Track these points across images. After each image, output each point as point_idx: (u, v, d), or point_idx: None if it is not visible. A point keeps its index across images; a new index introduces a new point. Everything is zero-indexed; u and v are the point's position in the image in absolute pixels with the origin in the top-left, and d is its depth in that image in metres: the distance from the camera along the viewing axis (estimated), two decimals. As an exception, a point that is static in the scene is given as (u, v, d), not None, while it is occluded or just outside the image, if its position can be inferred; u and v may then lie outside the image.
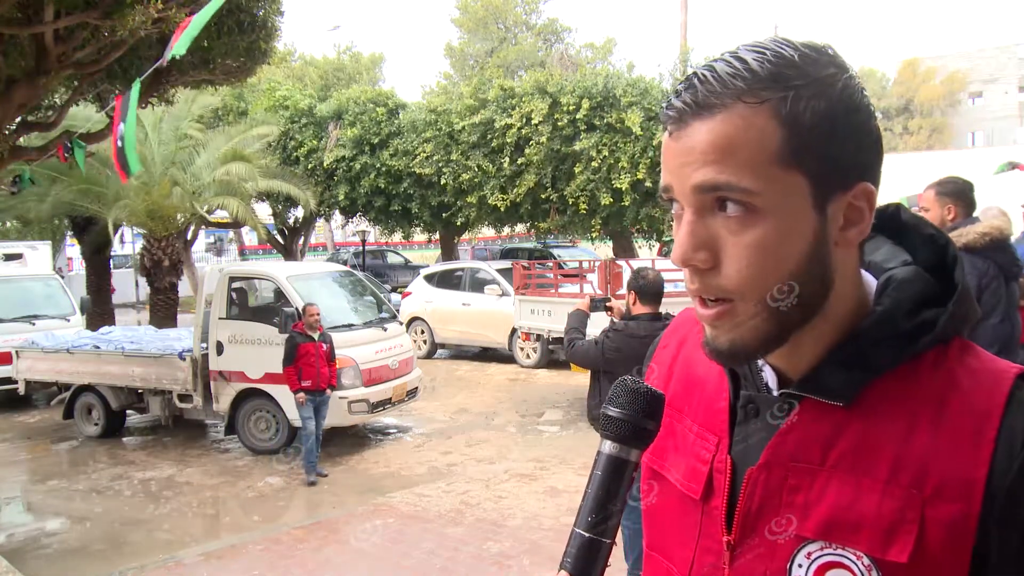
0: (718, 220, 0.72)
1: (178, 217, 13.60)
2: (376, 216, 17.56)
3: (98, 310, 14.16)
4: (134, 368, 8.15)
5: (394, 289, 18.98)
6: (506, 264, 12.75)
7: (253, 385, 7.57)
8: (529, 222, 15.91)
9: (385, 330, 8.18)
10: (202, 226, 18.94)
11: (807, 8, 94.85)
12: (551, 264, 13.11)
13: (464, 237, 22.18)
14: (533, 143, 13.76)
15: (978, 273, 3.28)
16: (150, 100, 7.65)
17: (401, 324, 8.89)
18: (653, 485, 0.90)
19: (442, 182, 15.18)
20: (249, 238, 31.89)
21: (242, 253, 32.46)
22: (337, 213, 19.17)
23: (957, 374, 0.74)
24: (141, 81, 5.39)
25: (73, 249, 22.66)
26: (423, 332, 13.27)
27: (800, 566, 0.74)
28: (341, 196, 16.69)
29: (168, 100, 8.29)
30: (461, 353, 13.57)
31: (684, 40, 17.29)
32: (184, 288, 16.43)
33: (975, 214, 3.55)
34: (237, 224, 18.19)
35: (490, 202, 14.58)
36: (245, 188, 13.67)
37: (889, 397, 0.74)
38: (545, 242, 20.02)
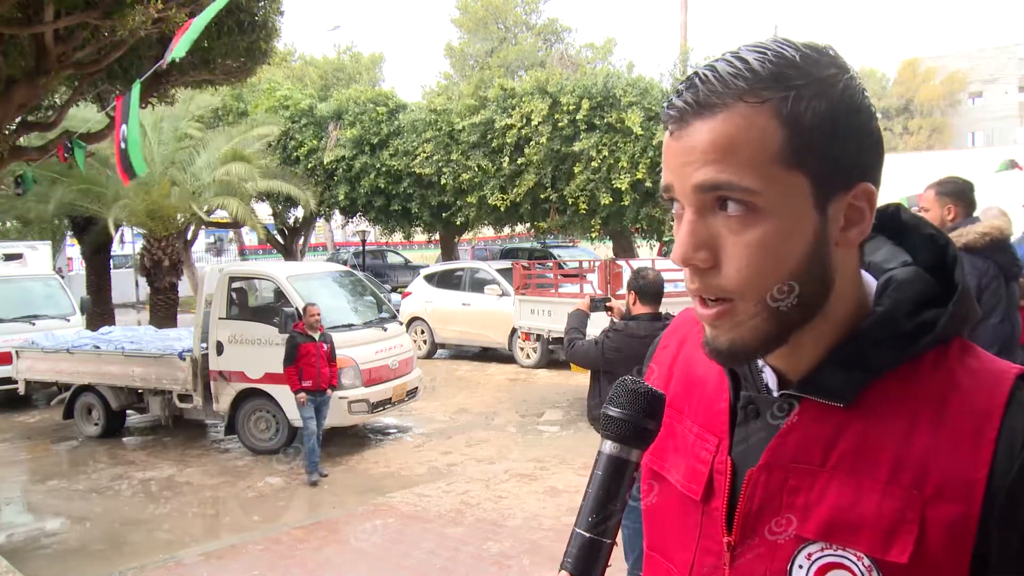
0: (719, 220, 0.72)
1: (178, 217, 13.59)
2: (376, 216, 17.56)
3: (98, 310, 14.15)
4: (134, 368, 8.15)
5: (394, 289, 18.98)
6: (506, 264, 12.74)
7: (253, 385, 7.58)
8: (529, 222, 15.91)
9: (385, 330, 8.18)
10: (202, 226, 18.94)
11: (807, 8, 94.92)
12: (551, 264, 13.10)
13: (464, 237, 22.18)
14: (533, 143, 13.76)
15: (978, 273, 3.28)
16: (150, 100, 7.65)
17: (401, 324, 8.89)
18: (653, 485, 0.90)
19: (442, 182, 15.18)
20: (249, 238, 31.90)
21: (242, 253, 32.46)
22: (337, 213, 19.17)
23: (957, 374, 0.74)
24: (141, 82, 5.39)
25: (73, 249, 22.65)
26: (423, 332, 13.27)
27: (800, 567, 0.74)
28: (341, 196, 16.69)
29: (168, 100, 8.28)
30: (461, 353, 13.56)
31: (684, 40, 17.28)
32: (184, 288, 16.44)
33: (975, 214, 3.55)
34: (237, 224, 18.18)
35: (490, 202, 14.58)
36: (245, 188, 13.67)
37: (889, 397, 0.74)
38: (545, 242, 20.01)
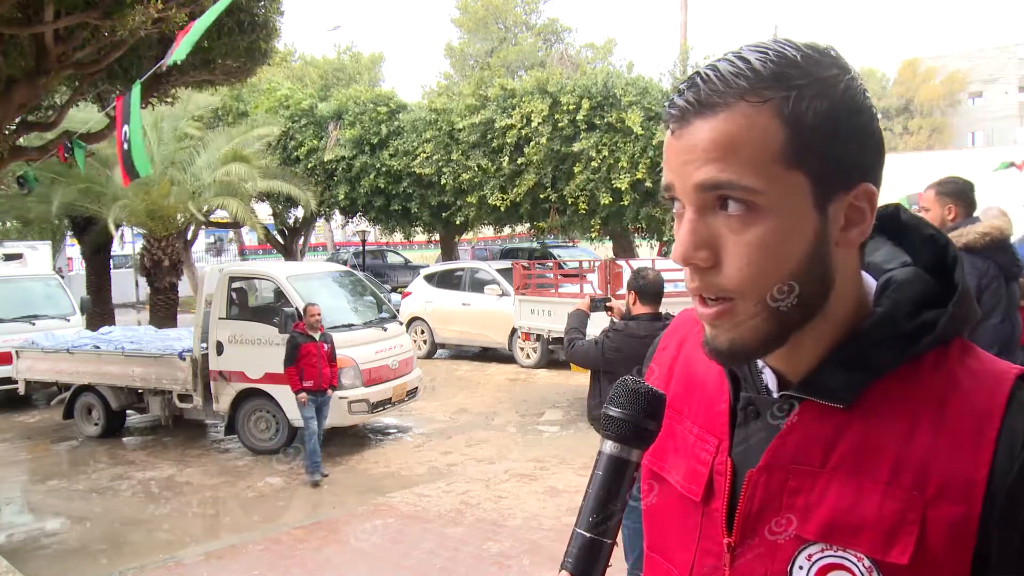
0: (719, 219, 0.72)
1: (178, 217, 13.59)
2: (376, 216, 17.56)
3: (98, 310, 14.15)
4: (134, 368, 8.15)
5: (394, 289, 18.98)
6: (506, 264, 12.74)
7: (253, 385, 7.57)
8: (529, 222, 15.91)
9: (385, 330, 8.18)
10: (202, 226, 18.94)
11: (807, 8, 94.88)
12: (551, 264, 13.10)
13: (464, 237, 22.17)
14: (533, 143, 13.76)
15: (978, 273, 3.28)
16: (150, 100, 7.65)
17: (401, 324, 8.89)
18: (653, 486, 0.90)
19: (442, 182, 15.17)
20: (249, 238, 31.90)
21: (242, 253, 32.47)
22: (337, 213, 19.17)
23: (957, 375, 0.73)
24: (141, 82, 5.39)
25: (73, 249, 22.65)
26: (423, 332, 13.27)
27: (801, 568, 0.74)
28: (341, 196, 16.69)
29: (169, 101, 8.28)
30: (461, 353, 13.56)
31: (684, 40, 17.28)
32: (184, 288, 16.44)
33: (975, 214, 3.55)
34: (237, 224, 18.18)
35: (490, 202, 14.58)
36: (245, 188, 13.66)
37: (889, 398, 0.74)
38: (544, 242, 20.01)
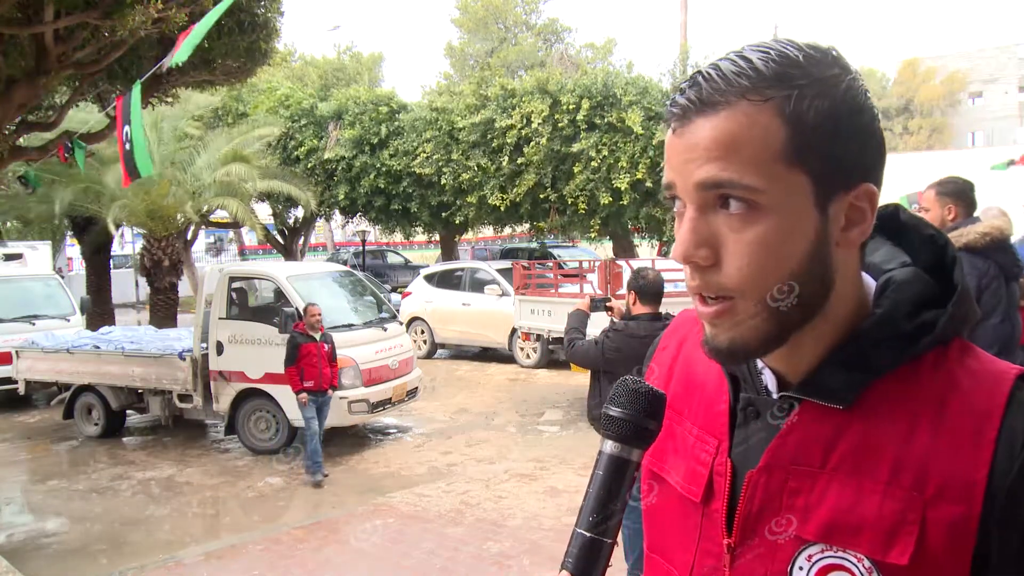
0: (720, 217, 0.72)
1: (178, 217, 13.59)
2: (376, 216, 17.55)
3: (98, 310, 14.16)
4: (134, 368, 8.15)
5: (394, 289, 18.97)
6: (506, 264, 12.74)
7: (253, 385, 7.57)
8: (529, 222, 15.91)
9: (385, 330, 8.18)
10: (202, 226, 18.95)
11: (807, 8, 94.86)
12: (551, 264, 13.10)
13: (464, 237, 22.17)
14: (533, 143, 13.76)
15: (978, 273, 3.28)
16: (151, 100, 7.65)
17: (401, 324, 8.89)
18: (653, 486, 0.90)
19: (442, 182, 15.18)
20: (249, 238, 31.89)
21: (242, 253, 32.47)
22: (337, 213, 19.17)
23: (957, 375, 0.73)
24: (141, 83, 5.39)
25: (73, 249, 22.64)
26: (423, 332, 13.27)
27: (801, 568, 0.74)
28: (341, 196, 16.69)
29: (169, 101, 8.28)
30: (461, 353, 13.56)
31: (684, 40, 17.28)
32: (184, 288, 16.43)
33: (976, 214, 3.55)
34: (237, 224, 18.17)
35: (490, 202, 14.58)
36: (245, 188, 13.67)
37: (889, 398, 0.74)
38: (543, 242, 20.02)
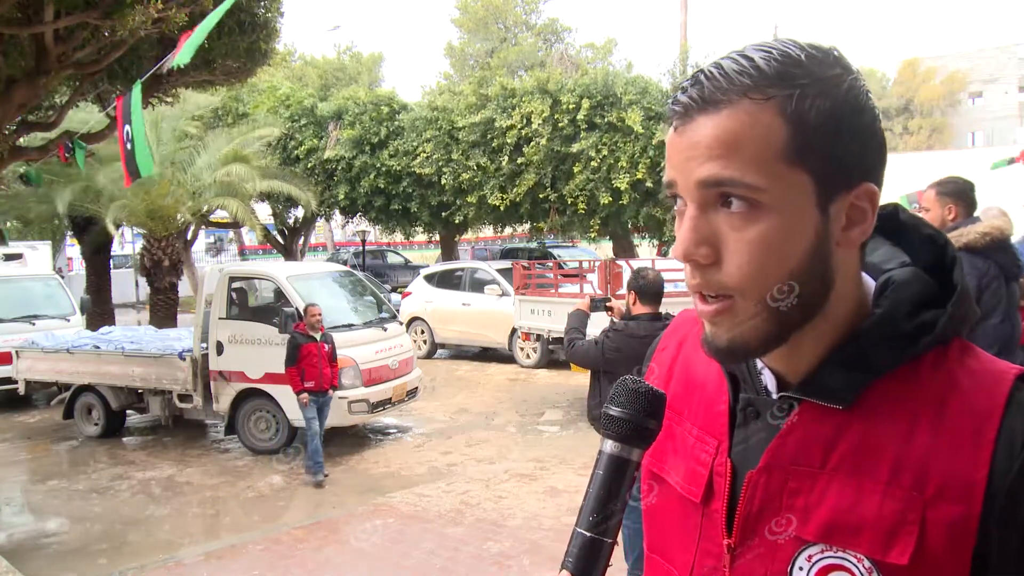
0: (721, 216, 0.72)
1: (178, 217, 13.59)
2: (376, 216, 17.56)
3: (98, 310, 14.15)
4: (134, 368, 8.15)
5: (394, 289, 18.97)
6: (506, 264, 12.74)
7: (253, 385, 7.57)
8: (529, 222, 15.92)
9: (385, 330, 8.18)
10: (202, 226, 18.95)
11: (807, 8, 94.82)
12: (551, 264, 13.10)
13: (464, 237, 22.18)
14: (533, 143, 13.76)
15: (978, 273, 3.28)
16: (151, 100, 7.65)
17: (401, 324, 8.89)
18: (653, 487, 0.90)
19: (442, 182, 15.18)
20: (249, 238, 31.87)
21: (242, 253, 32.45)
22: (337, 213, 19.17)
23: (957, 375, 0.73)
24: (141, 83, 5.38)
25: (73, 249, 22.64)
26: (423, 332, 13.27)
27: (801, 568, 0.74)
28: (341, 196, 16.69)
29: (169, 101, 8.28)
30: (461, 353, 13.56)
31: (684, 40, 17.27)
32: (184, 288, 16.44)
33: (976, 214, 3.55)
34: (237, 224, 18.17)
35: (490, 202, 14.59)
36: (245, 189, 13.67)
37: (889, 398, 0.74)
38: (543, 242, 20.02)
